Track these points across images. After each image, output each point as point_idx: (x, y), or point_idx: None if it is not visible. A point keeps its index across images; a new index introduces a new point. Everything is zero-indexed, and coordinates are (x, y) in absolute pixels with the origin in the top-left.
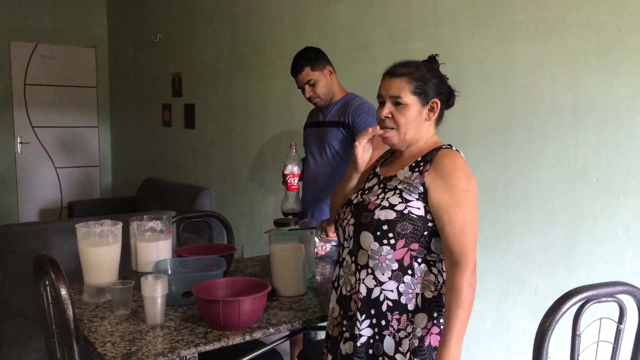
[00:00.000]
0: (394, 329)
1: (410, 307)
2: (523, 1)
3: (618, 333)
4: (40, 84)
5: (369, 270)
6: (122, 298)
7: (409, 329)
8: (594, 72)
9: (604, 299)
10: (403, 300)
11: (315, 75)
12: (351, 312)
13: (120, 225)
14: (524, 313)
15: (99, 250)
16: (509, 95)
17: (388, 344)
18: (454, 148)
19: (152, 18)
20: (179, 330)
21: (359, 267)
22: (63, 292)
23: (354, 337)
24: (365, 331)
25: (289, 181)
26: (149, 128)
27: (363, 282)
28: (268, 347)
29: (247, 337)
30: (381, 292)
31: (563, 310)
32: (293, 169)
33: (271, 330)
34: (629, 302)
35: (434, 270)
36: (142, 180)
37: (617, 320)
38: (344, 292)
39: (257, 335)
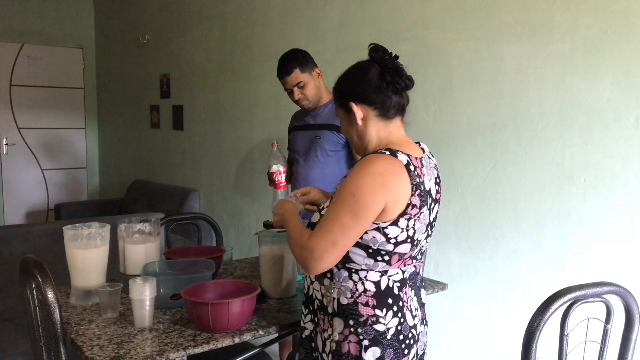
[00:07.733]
0: (321, 328)
1: (329, 309)
2: (510, 4)
3: (605, 333)
4: (26, 85)
5: None
6: (110, 301)
7: (330, 331)
8: (580, 74)
9: (591, 299)
10: (325, 301)
11: (305, 77)
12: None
13: (108, 227)
14: (513, 314)
15: (87, 253)
16: (496, 97)
17: (319, 341)
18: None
19: (139, 19)
20: (167, 333)
21: None
22: (50, 295)
23: (302, 329)
24: (307, 324)
25: (276, 179)
26: (137, 129)
27: (305, 280)
28: (257, 350)
29: (237, 340)
30: (313, 291)
31: (551, 310)
32: (279, 167)
33: (260, 332)
34: (615, 302)
35: (355, 277)
36: (130, 182)
37: (604, 320)
38: None
39: (247, 337)
